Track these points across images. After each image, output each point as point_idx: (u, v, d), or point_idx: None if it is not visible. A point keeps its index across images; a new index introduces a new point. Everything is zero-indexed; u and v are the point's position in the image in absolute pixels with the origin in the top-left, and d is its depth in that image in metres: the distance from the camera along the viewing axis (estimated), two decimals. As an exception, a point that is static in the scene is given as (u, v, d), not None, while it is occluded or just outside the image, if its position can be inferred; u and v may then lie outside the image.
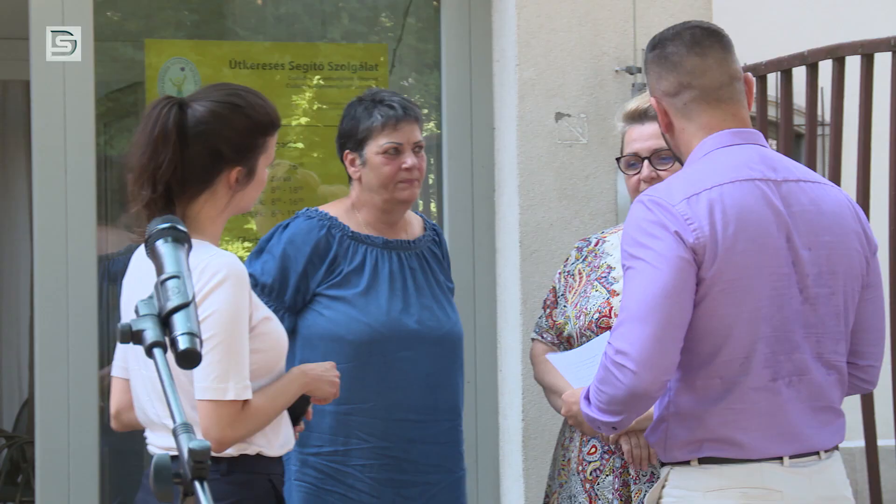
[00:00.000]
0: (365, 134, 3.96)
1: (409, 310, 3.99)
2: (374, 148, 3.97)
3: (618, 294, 3.76)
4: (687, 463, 3.09)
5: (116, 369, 3.38)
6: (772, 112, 5.45)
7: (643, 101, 3.82)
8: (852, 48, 4.72)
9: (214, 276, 3.09)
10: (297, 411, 3.39)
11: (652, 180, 3.74)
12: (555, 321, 3.91)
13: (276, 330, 3.29)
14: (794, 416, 3.09)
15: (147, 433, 3.29)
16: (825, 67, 4.87)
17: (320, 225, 3.94)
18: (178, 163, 3.19)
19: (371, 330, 3.54)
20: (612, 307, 3.76)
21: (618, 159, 3.87)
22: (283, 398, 3.28)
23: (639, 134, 3.82)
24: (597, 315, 3.77)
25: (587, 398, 3.14)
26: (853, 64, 4.73)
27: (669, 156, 3.75)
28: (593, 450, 3.77)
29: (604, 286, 3.83)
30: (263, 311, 3.26)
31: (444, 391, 3.55)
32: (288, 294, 3.90)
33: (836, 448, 3.18)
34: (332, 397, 3.46)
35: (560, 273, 3.97)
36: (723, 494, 3.05)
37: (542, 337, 3.94)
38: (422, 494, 3.97)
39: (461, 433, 4.12)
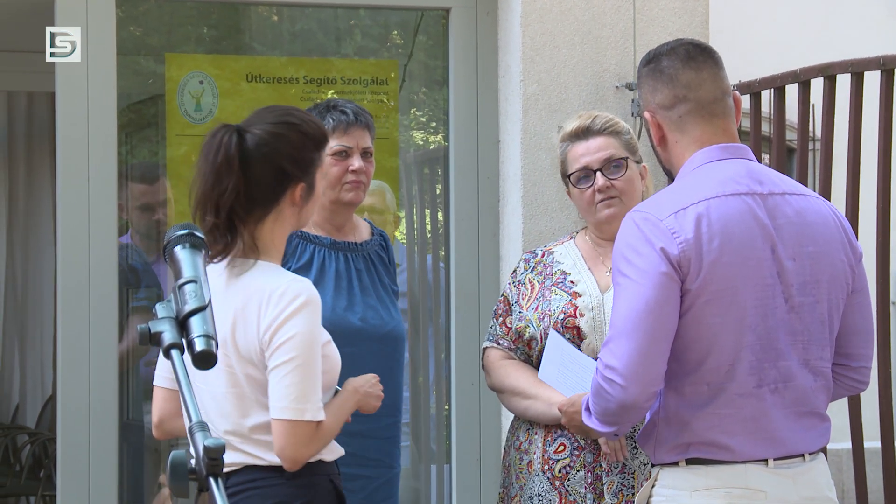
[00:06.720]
0: None
1: (354, 308, 4.02)
2: (325, 150, 4.04)
3: (580, 295, 3.80)
4: (676, 464, 3.16)
5: (159, 379, 3.39)
6: (765, 128, 5.43)
7: (584, 120, 3.87)
8: (843, 67, 4.72)
9: (295, 300, 3.15)
10: None
11: (608, 189, 3.80)
12: (510, 327, 3.91)
13: (335, 351, 3.35)
14: (777, 421, 3.15)
15: None
16: (817, 85, 4.87)
17: None
18: (241, 188, 3.20)
19: None
20: (576, 307, 3.78)
21: (568, 176, 3.86)
22: (343, 415, 3.36)
23: (585, 149, 3.84)
24: (562, 315, 3.79)
25: (588, 409, 3.22)
26: (844, 82, 4.75)
27: (619, 163, 3.81)
28: (561, 448, 3.78)
29: (563, 290, 3.84)
30: (326, 334, 3.30)
31: (385, 388, 3.56)
32: None
33: (821, 451, 3.24)
34: (375, 409, 3.53)
35: (510, 283, 3.99)
36: (709, 494, 3.12)
37: (499, 343, 3.93)
38: (363, 488, 3.99)
39: (400, 430, 4.14)
